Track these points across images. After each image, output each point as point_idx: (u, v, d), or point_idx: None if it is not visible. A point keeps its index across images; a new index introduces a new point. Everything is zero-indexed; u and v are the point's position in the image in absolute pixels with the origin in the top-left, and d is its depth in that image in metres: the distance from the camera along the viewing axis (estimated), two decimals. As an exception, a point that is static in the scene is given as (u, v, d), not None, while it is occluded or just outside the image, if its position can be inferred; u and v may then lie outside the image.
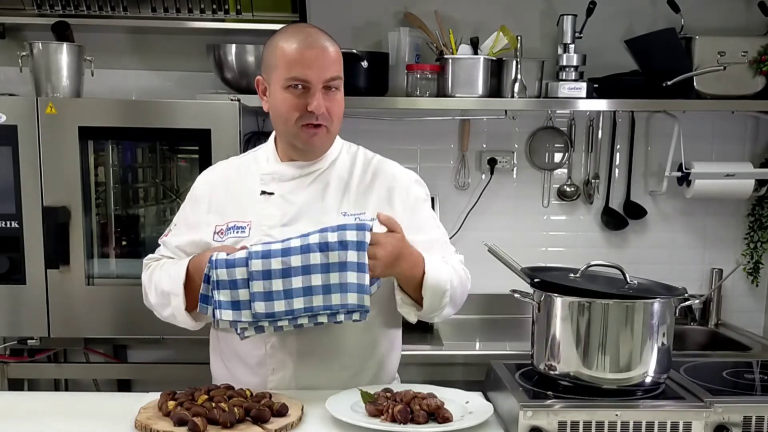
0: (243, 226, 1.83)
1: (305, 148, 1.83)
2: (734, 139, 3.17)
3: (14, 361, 2.78)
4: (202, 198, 1.90)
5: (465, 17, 3.02)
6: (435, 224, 1.93)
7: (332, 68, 1.77)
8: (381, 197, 1.86)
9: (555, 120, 3.15)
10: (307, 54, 1.75)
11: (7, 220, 2.53)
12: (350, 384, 1.80)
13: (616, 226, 3.18)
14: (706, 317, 3.15)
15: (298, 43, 1.75)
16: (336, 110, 1.81)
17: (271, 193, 1.85)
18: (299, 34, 1.77)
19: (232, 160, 1.99)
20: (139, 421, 1.57)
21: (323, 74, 1.75)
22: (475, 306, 3.13)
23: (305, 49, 1.75)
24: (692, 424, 1.61)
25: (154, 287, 1.85)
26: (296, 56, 1.75)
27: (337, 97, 1.81)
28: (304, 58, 1.74)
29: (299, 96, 1.76)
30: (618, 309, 1.69)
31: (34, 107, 2.51)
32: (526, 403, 1.62)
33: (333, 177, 1.87)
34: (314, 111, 1.75)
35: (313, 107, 1.75)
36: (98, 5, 2.79)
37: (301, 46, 1.75)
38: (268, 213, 1.83)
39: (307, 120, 1.77)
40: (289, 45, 1.76)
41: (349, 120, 3.07)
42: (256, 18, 2.83)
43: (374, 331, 1.87)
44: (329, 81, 1.77)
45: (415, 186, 1.93)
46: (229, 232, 1.83)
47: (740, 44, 2.83)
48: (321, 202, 1.84)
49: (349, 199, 1.85)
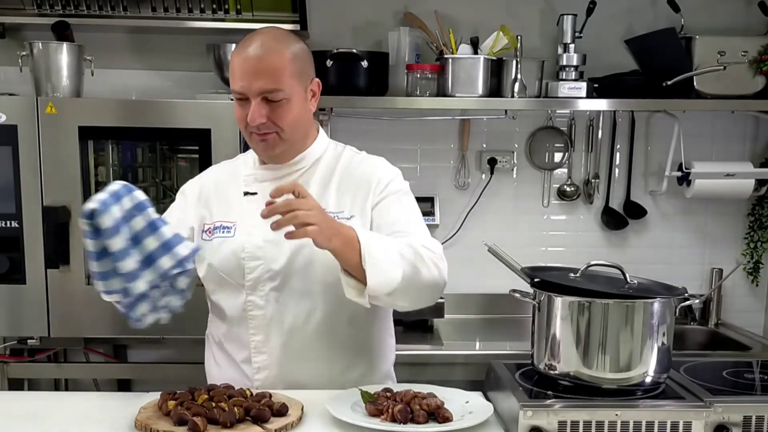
0: (229, 226, 1.85)
1: (261, 154, 1.86)
2: (734, 139, 3.17)
3: (14, 361, 2.79)
4: (192, 194, 1.94)
5: (465, 17, 3.02)
6: (407, 213, 1.84)
7: (264, 80, 1.72)
8: (357, 195, 1.84)
9: (555, 120, 3.15)
10: (243, 66, 1.73)
11: (7, 220, 2.53)
12: (339, 380, 1.80)
13: (616, 225, 3.18)
14: (706, 317, 3.15)
15: (239, 54, 1.75)
16: (284, 118, 1.76)
17: (254, 193, 1.86)
18: (247, 44, 1.75)
19: (223, 164, 2.01)
20: (139, 420, 1.57)
21: (254, 86, 1.72)
22: (475, 306, 3.14)
23: (242, 61, 1.74)
24: (692, 423, 1.61)
25: None
26: (234, 67, 1.75)
27: (284, 107, 1.75)
28: (240, 69, 1.74)
29: (242, 106, 1.76)
30: (618, 309, 1.69)
31: (34, 107, 2.51)
32: (526, 402, 1.62)
33: (315, 176, 1.87)
34: (249, 122, 1.74)
35: (248, 119, 1.74)
36: (98, 5, 2.79)
37: (240, 58, 1.74)
38: (251, 213, 1.82)
39: (252, 129, 1.77)
40: (235, 55, 1.76)
41: (349, 120, 3.10)
42: (256, 18, 2.83)
43: (360, 325, 1.86)
44: (264, 93, 1.73)
45: (394, 180, 1.88)
46: (216, 232, 1.86)
47: (740, 44, 2.83)
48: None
49: (329, 200, 1.84)
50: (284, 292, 1.81)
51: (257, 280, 1.82)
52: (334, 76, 2.72)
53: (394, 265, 1.65)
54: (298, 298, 1.82)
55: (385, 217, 1.81)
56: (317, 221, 1.57)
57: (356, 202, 1.84)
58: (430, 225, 2.00)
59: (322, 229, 1.57)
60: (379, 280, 1.63)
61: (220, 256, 1.84)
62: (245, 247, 1.82)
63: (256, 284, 1.82)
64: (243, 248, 1.82)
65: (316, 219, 1.57)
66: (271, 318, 1.82)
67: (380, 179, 1.86)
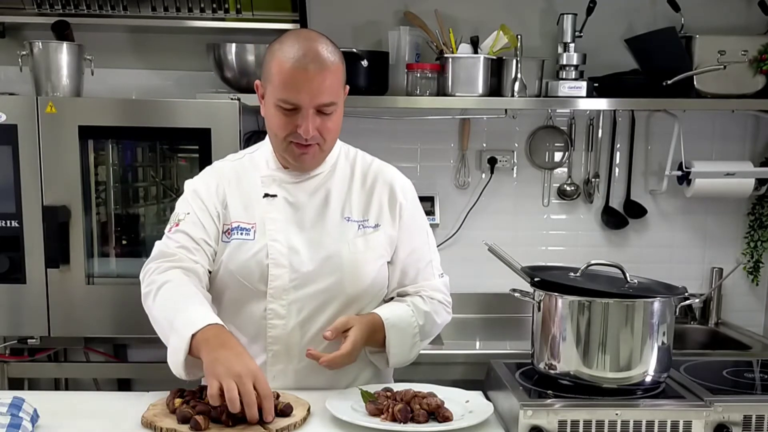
0: (248, 228, 1.80)
1: (295, 164, 1.80)
2: (734, 138, 3.17)
3: (14, 361, 2.78)
4: (209, 192, 1.83)
5: (465, 16, 3.02)
6: (427, 241, 1.94)
7: (325, 94, 1.69)
8: (382, 204, 1.86)
9: (555, 119, 3.14)
10: (300, 77, 1.66)
11: (7, 220, 2.53)
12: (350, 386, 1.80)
13: (616, 225, 3.18)
14: (707, 316, 3.15)
15: (293, 62, 1.66)
16: (330, 129, 1.75)
17: (275, 195, 1.82)
18: (297, 50, 1.67)
19: (228, 160, 1.93)
20: (145, 417, 1.58)
21: (315, 100, 1.68)
22: (475, 305, 3.14)
23: (299, 71, 1.66)
24: (692, 423, 1.61)
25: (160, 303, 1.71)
26: (288, 77, 1.67)
27: (332, 118, 1.73)
28: (296, 80, 1.66)
29: (289, 116, 1.70)
30: (618, 308, 1.69)
31: (34, 106, 2.51)
32: (526, 402, 1.62)
33: (335, 182, 1.86)
34: (302, 134, 1.70)
35: (301, 131, 1.70)
36: (98, 4, 2.79)
37: (294, 66, 1.66)
38: (273, 216, 1.81)
39: (296, 139, 1.73)
40: (284, 62, 1.68)
41: (349, 119, 3.07)
42: (256, 17, 2.83)
43: None
44: (322, 107, 1.70)
45: (411, 195, 1.92)
46: (234, 233, 1.80)
47: (740, 43, 2.83)
48: (325, 207, 1.83)
49: (352, 205, 1.84)
50: (307, 302, 1.79)
51: (281, 288, 1.77)
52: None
53: (414, 346, 1.85)
54: (319, 309, 1.80)
55: (412, 260, 1.90)
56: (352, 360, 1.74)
57: (383, 213, 1.85)
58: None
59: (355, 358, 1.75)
60: (401, 361, 1.85)
61: (240, 260, 1.78)
62: (269, 252, 1.77)
63: (279, 292, 1.77)
64: (267, 254, 1.77)
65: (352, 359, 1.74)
66: (292, 329, 1.79)
67: (406, 194, 1.90)
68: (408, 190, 1.92)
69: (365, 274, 1.81)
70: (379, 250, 1.83)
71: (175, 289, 1.69)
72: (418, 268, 1.90)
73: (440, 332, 2.83)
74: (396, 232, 1.86)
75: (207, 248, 1.79)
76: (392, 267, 1.89)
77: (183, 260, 1.76)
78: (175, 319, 1.62)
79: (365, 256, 1.81)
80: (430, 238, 1.95)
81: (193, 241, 1.78)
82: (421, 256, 1.91)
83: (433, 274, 1.92)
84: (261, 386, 1.51)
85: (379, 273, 1.85)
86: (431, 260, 1.93)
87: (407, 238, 1.88)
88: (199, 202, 1.82)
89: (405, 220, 1.87)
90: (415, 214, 1.91)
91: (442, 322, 1.92)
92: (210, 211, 1.81)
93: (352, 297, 1.81)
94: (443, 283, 1.94)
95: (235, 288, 1.80)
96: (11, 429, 1.46)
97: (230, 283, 1.80)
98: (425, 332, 1.87)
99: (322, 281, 1.78)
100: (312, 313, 1.79)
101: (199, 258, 1.77)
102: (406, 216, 1.88)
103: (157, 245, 1.82)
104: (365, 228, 1.83)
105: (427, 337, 1.89)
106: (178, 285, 1.70)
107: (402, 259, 1.88)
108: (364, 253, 1.81)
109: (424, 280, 1.91)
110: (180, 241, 1.78)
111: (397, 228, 1.86)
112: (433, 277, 1.92)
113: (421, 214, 1.95)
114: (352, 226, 1.82)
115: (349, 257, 1.79)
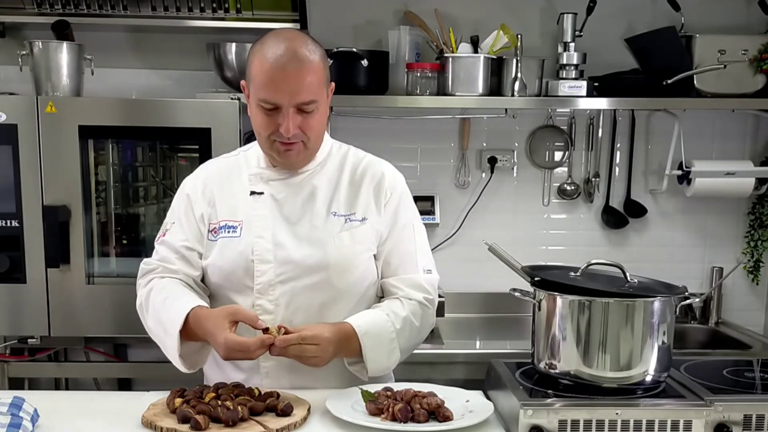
0: (234, 225, 1.82)
1: (281, 161, 1.81)
2: (734, 138, 3.17)
3: (15, 360, 2.79)
4: (196, 194, 1.88)
5: (465, 15, 3.02)
6: (413, 235, 1.90)
7: (304, 93, 1.69)
8: (370, 197, 1.86)
9: (555, 118, 3.14)
10: (278, 76, 1.67)
11: (7, 219, 2.53)
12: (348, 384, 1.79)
13: (616, 224, 3.18)
14: (707, 316, 3.15)
15: (272, 62, 1.68)
16: (313, 126, 1.75)
17: (261, 193, 1.84)
18: (276, 50, 1.69)
19: (222, 158, 1.97)
20: (145, 417, 1.59)
21: (294, 99, 1.69)
22: (475, 305, 3.14)
23: (277, 70, 1.67)
24: (692, 422, 1.61)
25: (151, 314, 1.82)
26: (267, 77, 1.68)
27: (314, 117, 1.74)
28: (275, 80, 1.68)
29: (270, 115, 1.72)
30: (618, 307, 1.69)
31: (34, 106, 2.51)
32: (526, 401, 1.62)
33: (323, 178, 1.87)
34: (284, 133, 1.72)
35: (282, 129, 1.71)
36: (98, 4, 2.79)
37: (273, 66, 1.68)
38: (259, 213, 1.82)
39: (278, 137, 1.74)
40: (263, 61, 1.69)
41: (349, 119, 3.10)
42: (256, 17, 2.83)
43: None
44: (301, 105, 1.71)
45: (399, 187, 1.91)
46: (221, 231, 1.83)
47: (740, 42, 2.83)
48: (311, 202, 1.84)
49: (339, 200, 1.85)
50: (294, 296, 1.80)
51: (267, 284, 1.79)
52: (334, 75, 2.65)
53: (392, 352, 1.79)
54: (308, 304, 1.80)
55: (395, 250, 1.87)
56: (319, 361, 1.69)
57: (370, 206, 1.85)
58: (430, 224, 2.02)
59: (324, 359, 1.69)
60: (380, 368, 1.79)
61: (226, 258, 1.81)
62: (254, 249, 1.79)
63: (265, 288, 1.79)
64: (252, 250, 1.79)
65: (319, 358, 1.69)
66: (281, 323, 1.78)
67: (394, 186, 1.88)
68: (397, 183, 1.91)
69: (352, 268, 1.82)
70: (366, 243, 1.84)
71: (157, 294, 1.81)
72: (399, 259, 1.87)
73: (440, 332, 2.87)
74: (382, 225, 1.86)
75: (189, 253, 1.85)
76: (377, 259, 1.88)
77: (162, 273, 1.85)
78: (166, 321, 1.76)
79: (351, 250, 1.81)
80: (417, 233, 1.91)
81: (173, 252, 1.85)
82: (405, 248, 1.88)
83: (416, 268, 1.88)
84: (244, 317, 1.67)
85: (367, 266, 1.85)
86: (415, 253, 1.89)
87: (390, 228, 1.86)
88: (185, 205, 1.88)
89: (389, 210, 1.87)
90: (401, 206, 1.89)
91: (424, 324, 1.86)
92: (195, 214, 1.86)
93: (340, 291, 1.81)
94: (428, 281, 1.89)
95: (224, 285, 1.84)
96: (11, 429, 1.47)
97: (219, 281, 1.84)
98: (405, 337, 1.81)
99: (308, 276, 1.79)
100: (300, 307, 1.80)
101: (180, 266, 1.85)
102: (391, 207, 1.87)
103: (143, 263, 1.90)
104: (351, 222, 1.82)
105: (410, 341, 1.84)
106: (158, 291, 1.81)
107: (385, 249, 1.87)
108: (351, 247, 1.81)
109: (404, 273, 1.87)
110: (160, 253, 1.87)
111: (382, 220, 1.86)
112: (416, 271, 1.88)
113: (410, 207, 1.92)
114: (339, 220, 1.82)
115: (335, 252, 1.80)
